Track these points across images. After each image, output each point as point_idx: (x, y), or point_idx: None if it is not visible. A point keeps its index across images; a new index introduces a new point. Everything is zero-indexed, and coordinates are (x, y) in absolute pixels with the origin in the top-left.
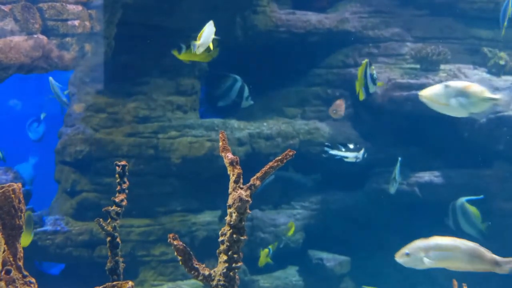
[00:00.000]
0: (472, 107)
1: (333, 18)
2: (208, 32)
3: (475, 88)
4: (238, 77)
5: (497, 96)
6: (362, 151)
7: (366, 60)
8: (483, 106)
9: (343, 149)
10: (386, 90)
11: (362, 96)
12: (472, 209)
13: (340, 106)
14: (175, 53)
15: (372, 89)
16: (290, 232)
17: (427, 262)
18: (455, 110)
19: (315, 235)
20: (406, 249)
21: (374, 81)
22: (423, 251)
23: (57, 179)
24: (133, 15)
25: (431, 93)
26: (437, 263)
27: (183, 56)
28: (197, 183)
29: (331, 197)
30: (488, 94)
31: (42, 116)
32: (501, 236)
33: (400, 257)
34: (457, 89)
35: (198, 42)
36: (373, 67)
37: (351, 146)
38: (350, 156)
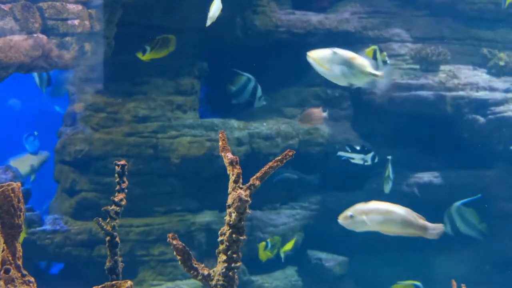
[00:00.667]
0: (353, 78)
1: (333, 19)
2: (216, 7)
3: (360, 60)
4: (251, 77)
5: (378, 72)
6: (371, 154)
7: (374, 46)
8: (363, 79)
9: (350, 150)
10: (386, 90)
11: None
12: (469, 211)
13: (312, 115)
14: (139, 55)
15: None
16: (287, 247)
17: (367, 224)
18: (336, 77)
19: (314, 235)
20: (349, 212)
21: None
22: (364, 214)
23: (57, 179)
24: (133, 15)
25: (318, 56)
26: (375, 226)
27: (146, 57)
28: (196, 183)
29: (330, 197)
30: (370, 69)
31: (36, 133)
32: (502, 236)
33: (343, 220)
34: (343, 58)
35: (210, 14)
36: (384, 53)
37: (358, 147)
38: (357, 157)
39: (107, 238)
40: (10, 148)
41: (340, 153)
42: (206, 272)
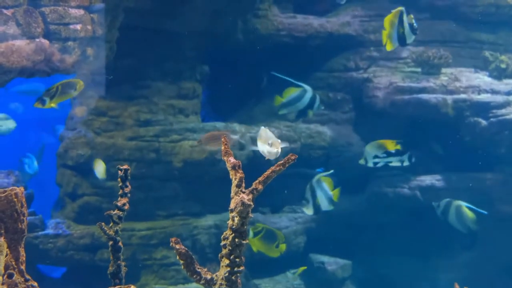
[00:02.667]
0: None
1: (334, 22)
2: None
3: None
4: (308, 87)
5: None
6: (407, 154)
7: (400, 8)
8: None
9: (385, 155)
10: (387, 93)
11: (390, 47)
12: (326, 180)
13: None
14: (38, 105)
15: (410, 39)
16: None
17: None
18: None
19: (317, 239)
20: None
21: (414, 30)
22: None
23: (59, 183)
24: (135, 19)
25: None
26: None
27: (48, 106)
28: (198, 187)
29: None
30: None
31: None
32: (504, 239)
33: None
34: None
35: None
36: (411, 15)
37: (393, 150)
38: (394, 160)
39: (110, 243)
40: (11, 152)
41: (376, 160)
42: (209, 277)
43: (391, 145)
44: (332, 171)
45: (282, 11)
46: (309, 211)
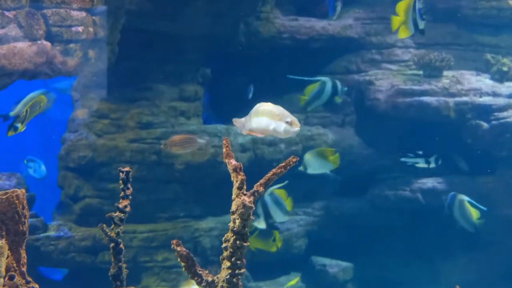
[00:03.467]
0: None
1: (336, 25)
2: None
3: None
4: (326, 78)
5: None
6: (434, 156)
7: None
8: None
9: (413, 156)
10: (389, 96)
11: (404, 34)
12: (281, 192)
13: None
14: (11, 133)
15: (421, 25)
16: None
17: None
18: None
19: (318, 241)
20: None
21: (422, 16)
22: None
23: (60, 185)
24: (137, 21)
25: None
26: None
27: (19, 131)
28: (200, 189)
29: (334, 203)
30: None
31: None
32: (506, 242)
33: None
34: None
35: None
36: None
37: (420, 152)
38: (421, 161)
39: (111, 245)
40: (13, 154)
41: (404, 159)
42: (210, 279)
43: (330, 153)
44: (286, 182)
45: (284, 14)
46: (261, 225)
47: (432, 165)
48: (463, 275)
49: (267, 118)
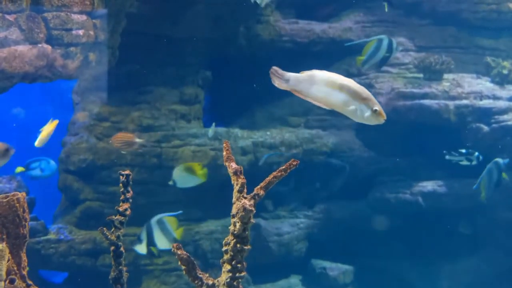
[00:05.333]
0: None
1: (336, 28)
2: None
3: None
4: (382, 36)
5: None
6: (475, 154)
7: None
8: None
9: (457, 154)
10: (389, 99)
11: None
12: (171, 220)
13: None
14: None
15: None
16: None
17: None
18: None
19: (318, 244)
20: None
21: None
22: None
23: (61, 188)
24: (137, 25)
25: None
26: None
27: None
28: (200, 192)
29: (334, 206)
30: None
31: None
32: (506, 245)
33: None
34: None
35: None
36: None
37: (463, 150)
38: (464, 159)
39: (112, 248)
40: (14, 157)
41: (449, 157)
42: (210, 282)
43: (198, 168)
44: (180, 212)
45: (284, 17)
46: (141, 249)
47: (474, 162)
48: (464, 277)
49: (347, 96)
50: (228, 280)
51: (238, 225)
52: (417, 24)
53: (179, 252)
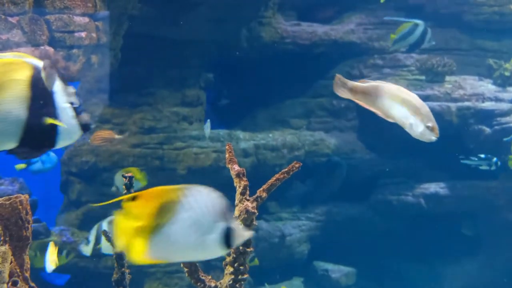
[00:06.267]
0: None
1: (338, 30)
2: None
3: None
4: (420, 21)
5: None
6: (494, 159)
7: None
8: None
9: (476, 159)
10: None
11: None
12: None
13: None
14: None
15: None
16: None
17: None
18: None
19: (321, 246)
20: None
21: None
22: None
23: (63, 190)
24: (140, 27)
25: None
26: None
27: None
28: None
29: (336, 208)
30: None
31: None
32: (508, 247)
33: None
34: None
35: None
36: None
37: (482, 155)
38: (483, 164)
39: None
40: (15, 159)
41: (466, 161)
42: (213, 284)
43: (137, 172)
44: None
45: (286, 19)
46: (87, 251)
47: (493, 167)
48: (466, 279)
49: (407, 111)
50: (231, 282)
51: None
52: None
53: None
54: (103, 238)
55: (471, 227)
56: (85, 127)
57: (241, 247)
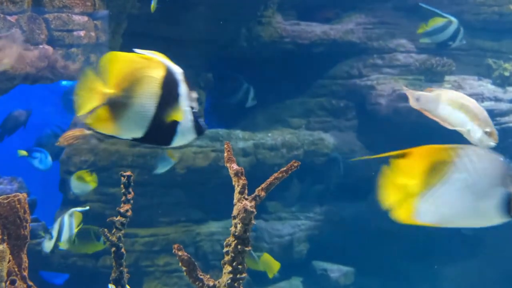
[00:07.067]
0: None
1: (338, 29)
2: None
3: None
4: (453, 18)
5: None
6: None
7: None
8: None
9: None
10: (390, 101)
11: None
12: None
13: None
14: None
15: None
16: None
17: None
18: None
19: (319, 246)
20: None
21: None
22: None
23: (62, 189)
24: (139, 26)
25: None
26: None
27: None
28: (201, 194)
29: (335, 207)
30: None
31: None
32: (507, 247)
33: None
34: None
35: None
36: None
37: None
38: None
39: (113, 249)
40: (14, 158)
41: None
42: (211, 283)
43: (87, 175)
44: (88, 208)
45: (285, 19)
46: (48, 247)
47: None
48: (464, 279)
49: (465, 116)
50: (229, 281)
51: (239, 226)
52: (418, 26)
53: (180, 253)
54: (64, 231)
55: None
56: (199, 132)
57: (239, 246)
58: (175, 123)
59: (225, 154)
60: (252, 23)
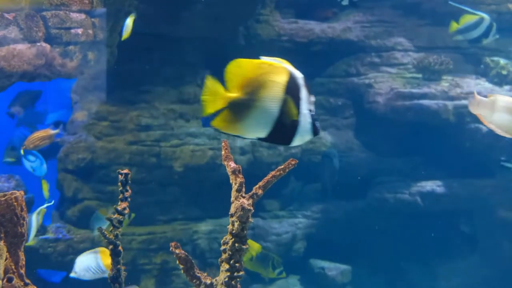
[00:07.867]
0: None
1: (335, 28)
2: None
3: None
4: (486, 15)
5: None
6: None
7: None
8: None
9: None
10: (388, 99)
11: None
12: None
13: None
14: None
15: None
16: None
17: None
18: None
19: (317, 244)
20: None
21: None
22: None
23: (59, 187)
24: (136, 24)
25: None
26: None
27: None
28: (199, 192)
29: (333, 206)
30: None
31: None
32: (504, 245)
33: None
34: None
35: None
36: None
37: None
38: None
39: (110, 247)
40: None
41: (506, 164)
42: (208, 281)
43: (44, 184)
44: (52, 202)
45: (283, 17)
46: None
47: None
48: (462, 278)
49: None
50: (226, 279)
51: (236, 224)
52: (416, 24)
53: (177, 251)
54: (32, 229)
55: (468, 225)
56: (316, 133)
57: (236, 244)
58: (296, 125)
59: (223, 152)
60: (250, 21)
